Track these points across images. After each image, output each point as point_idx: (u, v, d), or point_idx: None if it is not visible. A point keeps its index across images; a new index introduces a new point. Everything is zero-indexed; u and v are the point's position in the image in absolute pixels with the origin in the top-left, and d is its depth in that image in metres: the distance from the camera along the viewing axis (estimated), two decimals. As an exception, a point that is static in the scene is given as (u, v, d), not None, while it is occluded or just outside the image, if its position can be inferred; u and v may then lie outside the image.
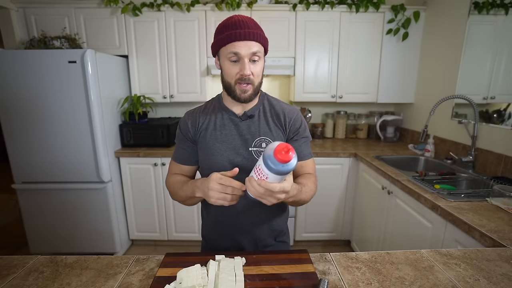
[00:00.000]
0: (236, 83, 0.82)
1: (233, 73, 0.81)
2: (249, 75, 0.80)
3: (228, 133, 0.89)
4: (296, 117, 0.92)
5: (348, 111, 2.76)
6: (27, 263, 0.77)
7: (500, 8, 1.62)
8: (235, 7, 2.21)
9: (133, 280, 0.70)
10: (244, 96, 0.83)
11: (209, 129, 0.90)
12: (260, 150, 0.87)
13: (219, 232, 0.96)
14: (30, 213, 2.15)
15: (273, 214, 0.96)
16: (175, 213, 2.33)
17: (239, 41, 0.77)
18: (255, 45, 0.79)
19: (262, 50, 0.83)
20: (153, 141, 2.30)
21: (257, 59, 0.81)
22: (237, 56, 0.79)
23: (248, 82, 0.81)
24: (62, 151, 2.04)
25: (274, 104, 0.93)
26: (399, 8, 2.24)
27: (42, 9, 2.23)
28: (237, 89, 0.82)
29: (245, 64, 0.79)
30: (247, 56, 0.79)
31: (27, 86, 1.93)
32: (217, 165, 0.87)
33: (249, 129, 0.88)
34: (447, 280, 0.70)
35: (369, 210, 2.00)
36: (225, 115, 0.91)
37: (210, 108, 0.93)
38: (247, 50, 0.78)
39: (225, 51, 0.80)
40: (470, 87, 1.83)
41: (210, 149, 0.88)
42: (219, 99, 0.94)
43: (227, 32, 0.78)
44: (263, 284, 0.67)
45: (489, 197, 1.26)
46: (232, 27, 0.78)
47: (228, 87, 0.84)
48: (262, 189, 0.64)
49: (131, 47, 2.32)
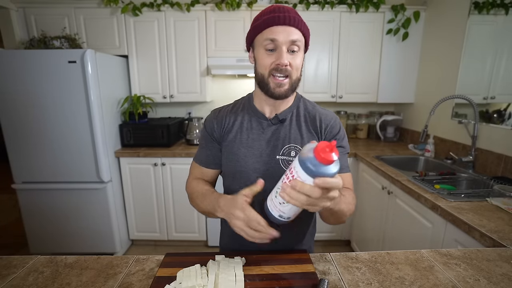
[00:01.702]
0: (270, 74, 0.72)
1: (267, 63, 0.72)
2: (287, 66, 0.70)
3: (255, 138, 0.80)
4: (333, 123, 0.81)
5: (348, 111, 2.76)
6: (27, 263, 0.76)
7: (500, 8, 1.61)
8: (235, 7, 2.21)
9: (133, 280, 0.70)
10: (279, 90, 0.73)
11: (235, 131, 0.81)
12: (288, 159, 0.78)
13: (238, 246, 0.85)
14: (30, 213, 2.15)
15: (302, 230, 0.87)
16: (175, 213, 2.33)
17: (277, 25, 0.69)
18: (295, 33, 0.70)
19: (303, 40, 0.73)
20: (153, 141, 2.30)
21: (297, 49, 0.72)
22: (274, 44, 0.70)
23: (285, 74, 0.72)
24: (62, 151, 2.04)
25: (310, 108, 0.83)
26: (399, 8, 2.24)
27: (42, 9, 2.23)
28: (271, 82, 0.73)
29: (282, 53, 0.70)
30: (286, 43, 0.70)
31: (27, 86, 1.93)
32: (240, 173, 0.80)
33: (278, 134, 0.79)
34: (447, 280, 0.70)
35: (369, 210, 2.00)
36: (253, 117, 0.82)
37: (239, 108, 0.85)
38: (285, 37, 0.69)
39: (260, 39, 0.72)
40: (470, 87, 1.83)
41: (234, 155, 0.81)
42: (249, 98, 0.86)
43: (265, 17, 0.70)
44: (263, 284, 0.66)
45: (489, 197, 1.26)
46: (271, 11, 0.71)
47: (261, 79, 0.75)
48: (306, 190, 0.50)
49: (131, 47, 2.32)
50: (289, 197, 0.52)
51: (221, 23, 2.28)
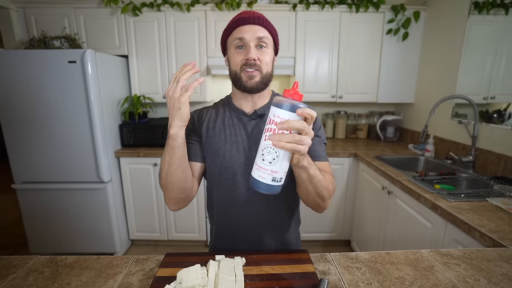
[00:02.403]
0: (242, 69, 0.77)
1: (238, 60, 0.77)
2: (255, 60, 0.75)
3: (237, 133, 0.83)
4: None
5: (348, 111, 2.76)
6: (27, 263, 0.76)
7: (500, 8, 1.61)
8: (235, 7, 2.21)
9: (133, 280, 0.70)
10: (251, 83, 0.77)
11: (218, 128, 0.85)
12: None
13: (226, 240, 0.90)
14: (30, 213, 2.15)
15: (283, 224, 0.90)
16: (175, 213, 2.33)
17: (244, 25, 0.76)
18: (261, 30, 0.76)
19: (270, 38, 0.79)
20: (153, 141, 2.30)
21: (264, 45, 0.77)
22: (242, 42, 0.76)
23: (255, 68, 0.76)
24: (62, 151, 2.04)
25: None
26: (399, 8, 2.24)
27: (42, 9, 2.23)
28: (243, 76, 0.77)
29: (250, 48, 0.75)
30: (253, 40, 0.75)
31: (27, 86, 1.93)
32: (226, 169, 0.82)
33: (259, 128, 0.83)
34: (447, 280, 0.70)
35: (369, 210, 2.00)
36: (233, 114, 0.86)
37: (220, 108, 0.89)
38: (252, 34, 0.75)
39: (230, 39, 0.78)
40: (470, 87, 1.83)
41: (220, 150, 0.83)
42: (228, 98, 0.90)
43: (233, 20, 0.78)
44: (263, 284, 0.66)
45: (489, 197, 1.26)
46: (238, 15, 0.78)
47: (234, 77, 0.80)
48: (294, 124, 0.55)
49: (131, 47, 2.32)
50: (278, 140, 0.56)
51: (221, 23, 2.28)
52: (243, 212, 0.84)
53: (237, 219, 0.86)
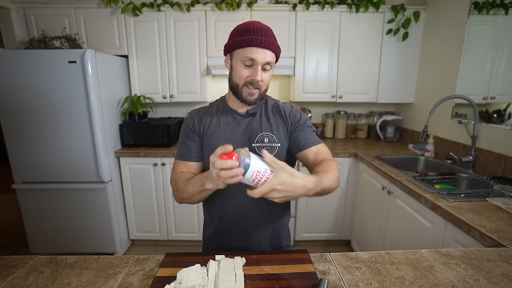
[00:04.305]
0: (245, 85, 0.85)
1: (243, 75, 0.84)
2: (260, 82, 0.84)
3: (231, 131, 0.91)
4: (294, 111, 0.96)
5: (348, 111, 2.76)
6: (27, 263, 0.77)
7: (500, 8, 1.62)
8: (235, 7, 2.21)
9: (133, 280, 0.70)
10: (251, 99, 0.87)
11: (213, 127, 0.92)
12: (262, 145, 0.90)
13: (221, 235, 0.96)
14: (30, 213, 2.15)
15: (276, 214, 0.97)
16: (175, 213, 2.33)
17: (257, 47, 0.81)
18: (270, 55, 0.84)
19: (274, 60, 0.88)
20: (153, 141, 2.30)
21: (269, 68, 0.86)
22: (252, 62, 0.82)
23: (256, 87, 0.85)
24: (62, 151, 2.04)
25: (274, 103, 0.99)
26: (399, 8, 2.24)
27: (42, 9, 2.23)
28: (244, 91, 0.86)
29: (258, 71, 0.83)
30: (262, 63, 0.82)
31: (27, 86, 1.93)
32: None
33: (252, 126, 0.92)
34: (447, 280, 0.70)
35: (369, 210, 2.00)
36: (228, 114, 0.94)
37: (215, 108, 0.97)
38: (262, 59, 0.82)
39: (241, 54, 0.83)
40: (470, 87, 1.83)
41: (215, 148, 0.85)
42: (223, 100, 0.97)
43: (248, 36, 0.81)
44: (263, 284, 0.67)
45: (489, 197, 1.26)
46: (253, 32, 0.82)
47: (235, 87, 0.87)
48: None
49: (131, 47, 2.32)
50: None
51: (221, 23, 2.28)
52: (238, 202, 0.91)
53: (231, 209, 0.92)
